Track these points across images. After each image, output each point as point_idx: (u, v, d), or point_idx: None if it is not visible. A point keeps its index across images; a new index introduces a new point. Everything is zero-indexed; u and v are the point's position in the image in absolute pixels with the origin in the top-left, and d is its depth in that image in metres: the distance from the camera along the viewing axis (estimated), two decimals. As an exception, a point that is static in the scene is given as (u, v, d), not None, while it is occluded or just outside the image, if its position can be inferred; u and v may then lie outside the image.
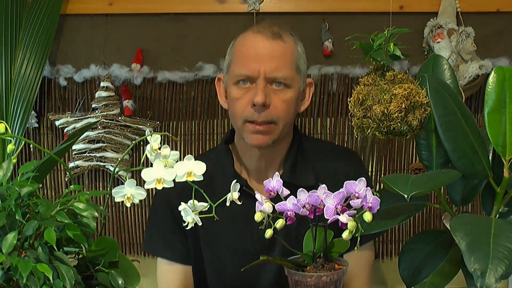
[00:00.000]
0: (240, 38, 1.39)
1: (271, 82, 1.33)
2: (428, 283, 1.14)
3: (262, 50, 1.33)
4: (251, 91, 1.33)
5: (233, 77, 1.36)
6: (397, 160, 1.84)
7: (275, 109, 1.33)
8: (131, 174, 1.30)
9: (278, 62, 1.33)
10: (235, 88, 1.36)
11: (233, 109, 1.38)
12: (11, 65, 1.69)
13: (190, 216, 0.96)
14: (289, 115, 1.37)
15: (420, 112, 1.03)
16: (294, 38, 1.39)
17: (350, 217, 0.91)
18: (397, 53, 1.04)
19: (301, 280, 0.96)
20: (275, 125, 1.34)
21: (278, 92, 1.34)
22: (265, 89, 1.32)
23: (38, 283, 0.80)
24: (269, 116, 1.33)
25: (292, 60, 1.35)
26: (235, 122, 1.39)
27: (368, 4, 1.76)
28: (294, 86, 1.36)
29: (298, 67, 1.37)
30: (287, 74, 1.34)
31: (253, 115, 1.33)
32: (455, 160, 1.05)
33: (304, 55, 1.41)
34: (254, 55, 1.33)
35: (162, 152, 0.96)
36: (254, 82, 1.33)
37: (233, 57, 1.38)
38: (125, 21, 1.78)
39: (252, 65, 1.32)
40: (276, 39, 1.34)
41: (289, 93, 1.35)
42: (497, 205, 1.07)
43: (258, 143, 1.35)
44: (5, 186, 0.87)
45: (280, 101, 1.34)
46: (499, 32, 1.79)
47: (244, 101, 1.34)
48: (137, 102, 1.78)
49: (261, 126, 1.33)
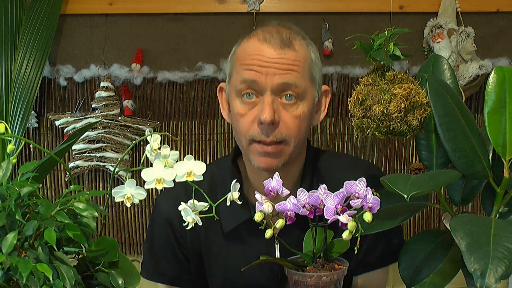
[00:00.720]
0: (243, 45, 1.18)
1: (280, 95, 1.14)
2: (428, 283, 1.14)
3: (269, 61, 1.13)
4: (257, 106, 1.14)
5: (236, 87, 1.16)
6: (397, 160, 1.84)
7: (286, 127, 1.14)
8: (131, 174, 1.30)
9: (288, 73, 1.13)
10: (238, 102, 1.16)
11: (237, 126, 1.18)
12: (11, 65, 1.69)
13: (190, 216, 0.96)
14: (302, 132, 1.17)
15: (420, 112, 1.03)
16: (307, 42, 1.20)
17: (350, 217, 0.91)
18: (397, 53, 1.04)
19: (301, 280, 0.96)
20: (286, 145, 1.15)
21: (288, 106, 1.14)
22: (273, 104, 1.12)
23: (38, 283, 0.80)
24: (278, 136, 1.13)
25: (305, 69, 1.15)
26: (240, 142, 1.19)
27: (368, 4, 1.76)
28: (307, 98, 1.16)
29: (312, 76, 1.18)
30: (299, 84, 1.14)
31: (260, 135, 1.13)
32: (455, 160, 1.04)
33: (319, 60, 1.21)
34: (260, 68, 1.13)
35: (162, 152, 0.95)
36: (260, 95, 1.14)
37: (235, 66, 1.18)
38: (125, 21, 1.78)
39: (258, 77, 1.13)
40: (285, 48, 1.14)
41: (302, 107, 1.15)
42: (497, 205, 1.07)
43: (267, 166, 1.15)
44: (5, 186, 0.87)
45: (291, 117, 1.14)
46: (499, 32, 1.79)
47: (250, 118, 1.14)
48: (137, 102, 1.78)
49: (269, 147, 1.14)
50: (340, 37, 1.76)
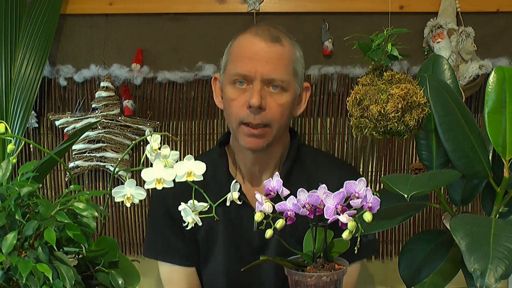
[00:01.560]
0: (238, 39, 1.38)
1: (267, 85, 1.33)
2: (428, 283, 1.14)
3: (260, 53, 1.32)
4: (247, 93, 1.32)
5: (230, 77, 1.35)
6: (397, 160, 1.84)
7: (271, 112, 1.32)
8: (131, 174, 1.30)
9: (276, 65, 1.32)
10: (231, 88, 1.35)
11: (229, 109, 1.37)
12: (11, 65, 1.69)
13: (190, 216, 0.96)
14: (284, 118, 1.36)
15: (417, 112, 1.03)
16: (293, 42, 1.39)
17: (350, 217, 0.91)
18: (395, 53, 1.04)
19: (301, 280, 0.96)
20: (270, 128, 1.34)
21: (274, 95, 1.33)
22: (261, 92, 1.31)
23: (38, 283, 0.80)
24: (264, 119, 1.32)
25: (289, 63, 1.35)
26: (230, 123, 1.38)
27: (368, 4, 1.76)
28: (290, 90, 1.36)
29: (296, 71, 1.37)
30: (284, 77, 1.33)
31: (248, 117, 1.32)
32: (455, 160, 1.05)
33: (302, 60, 1.41)
34: (252, 57, 1.32)
35: (162, 152, 0.96)
36: (251, 83, 1.32)
37: (231, 57, 1.37)
38: (125, 21, 1.78)
39: (249, 66, 1.31)
40: (274, 42, 1.33)
41: (285, 96, 1.34)
42: (497, 205, 1.07)
43: (252, 146, 1.34)
44: (5, 186, 0.87)
45: (276, 104, 1.33)
46: (499, 32, 1.79)
47: (240, 102, 1.33)
48: (137, 102, 1.78)
49: (256, 130, 1.33)
50: (340, 37, 1.76)
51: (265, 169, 1.43)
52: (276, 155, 1.42)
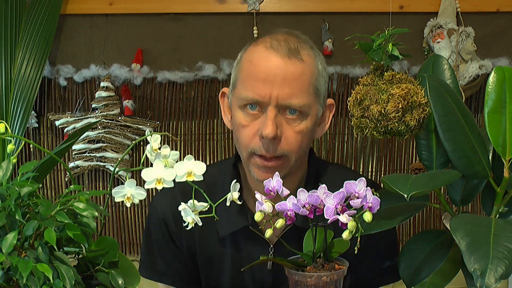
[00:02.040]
0: (250, 52, 1.15)
1: (283, 110, 1.12)
2: (428, 283, 1.14)
3: (275, 72, 1.10)
4: (259, 119, 1.12)
5: (239, 100, 1.14)
6: (397, 160, 1.84)
7: (287, 142, 1.12)
8: (131, 174, 1.30)
9: (294, 86, 1.10)
10: (241, 113, 1.14)
11: (239, 137, 1.16)
12: (11, 65, 1.69)
13: (190, 216, 0.96)
14: (303, 147, 1.16)
15: (418, 112, 1.03)
16: (315, 52, 1.17)
17: (350, 217, 0.91)
18: (395, 53, 1.04)
19: (301, 280, 0.96)
20: (286, 159, 1.14)
21: (291, 121, 1.12)
22: (276, 119, 1.10)
23: (38, 283, 0.80)
24: (279, 151, 1.12)
25: (310, 83, 1.13)
26: (241, 152, 1.18)
27: (368, 4, 1.76)
28: (311, 114, 1.14)
29: (317, 90, 1.15)
30: (303, 101, 1.11)
31: (261, 149, 1.12)
32: (455, 160, 1.04)
33: (325, 72, 1.19)
34: (265, 78, 1.10)
35: (162, 152, 0.95)
36: (264, 108, 1.11)
37: (240, 75, 1.15)
38: (125, 21, 1.78)
39: (263, 89, 1.10)
40: (292, 57, 1.11)
41: (305, 123, 1.13)
42: (497, 205, 1.07)
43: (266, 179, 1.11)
44: (5, 186, 0.87)
45: (293, 132, 1.12)
46: (499, 32, 1.79)
47: (251, 130, 1.13)
48: (137, 102, 1.78)
49: (270, 162, 1.13)
50: (340, 37, 1.76)
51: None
52: (293, 183, 1.22)
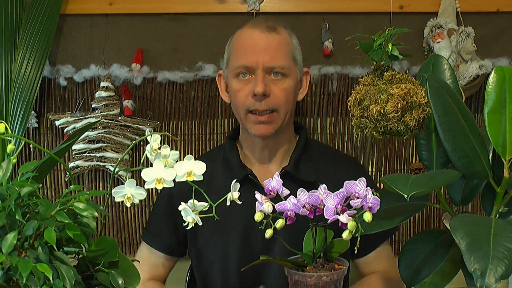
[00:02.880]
0: (237, 34, 1.46)
1: (269, 73, 1.40)
2: (428, 283, 1.14)
3: (259, 43, 1.40)
4: (251, 83, 1.40)
5: (233, 70, 1.43)
6: (397, 160, 1.84)
7: (276, 98, 1.39)
8: (131, 174, 1.30)
9: (275, 53, 1.39)
10: (235, 80, 1.43)
11: (235, 100, 1.44)
12: (11, 65, 1.69)
13: (190, 216, 0.96)
14: (289, 103, 1.42)
15: (418, 112, 1.03)
16: (288, 31, 1.46)
17: (350, 217, 0.91)
18: (395, 53, 1.04)
19: (301, 280, 0.96)
20: (277, 113, 1.40)
21: (277, 81, 1.40)
22: (264, 80, 1.38)
23: (38, 283, 0.80)
24: (270, 105, 1.39)
25: (288, 50, 1.42)
26: (238, 113, 1.45)
27: (368, 4, 1.76)
28: (292, 76, 1.43)
29: (295, 58, 1.44)
30: (284, 64, 1.40)
31: (255, 105, 1.38)
32: (455, 160, 1.04)
33: (299, 47, 1.48)
34: (252, 48, 1.39)
35: (162, 152, 0.96)
36: (253, 73, 1.40)
37: (232, 51, 1.45)
38: (125, 21, 1.78)
39: (251, 57, 1.39)
40: (271, 31, 1.40)
41: (287, 82, 1.41)
42: (497, 205, 1.07)
43: (262, 132, 1.41)
44: (5, 186, 0.87)
45: (280, 90, 1.40)
46: (499, 32, 1.79)
47: (245, 92, 1.40)
48: (137, 102, 1.78)
49: (263, 117, 1.39)
50: (340, 37, 1.76)
51: (274, 156, 1.49)
52: (284, 142, 1.49)
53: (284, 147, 1.49)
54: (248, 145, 1.50)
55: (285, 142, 1.49)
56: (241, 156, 1.49)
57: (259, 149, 1.48)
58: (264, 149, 1.47)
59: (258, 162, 1.49)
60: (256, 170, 1.47)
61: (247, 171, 1.44)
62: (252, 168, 1.47)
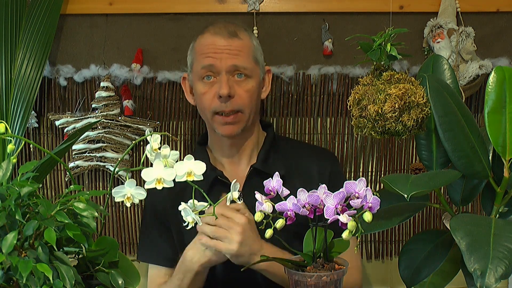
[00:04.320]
0: (199, 40, 1.49)
1: (233, 74, 1.44)
2: (428, 283, 1.14)
3: (221, 49, 1.43)
4: (216, 85, 1.43)
5: (198, 73, 1.46)
6: (397, 160, 1.84)
7: (240, 99, 1.43)
8: (131, 174, 1.30)
9: (237, 56, 1.43)
10: (200, 83, 1.46)
11: (201, 103, 1.47)
12: (11, 65, 1.69)
13: (190, 216, 0.96)
14: (253, 103, 1.47)
15: (416, 113, 1.03)
16: (249, 34, 1.51)
17: (350, 217, 0.91)
18: (394, 53, 1.04)
19: (301, 280, 0.96)
20: (242, 113, 1.44)
21: (240, 82, 1.44)
22: (228, 82, 1.42)
23: (38, 283, 0.80)
24: (235, 106, 1.43)
25: (249, 53, 1.46)
26: (205, 115, 1.48)
27: (368, 4, 1.76)
28: (255, 76, 1.47)
29: (256, 59, 1.49)
30: (246, 65, 1.44)
31: (221, 106, 1.42)
32: (455, 160, 1.05)
33: (260, 47, 1.52)
34: (214, 54, 1.43)
35: (162, 152, 0.96)
36: (218, 75, 1.43)
37: (195, 56, 1.49)
38: (125, 21, 1.78)
39: (214, 59, 1.43)
40: (233, 37, 1.44)
41: (251, 82, 1.46)
42: (497, 205, 1.08)
43: (228, 132, 1.45)
44: (5, 186, 0.87)
45: (244, 91, 1.44)
46: (499, 32, 1.79)
47: (210, 94, 1.44)
48: (137, 102, 1.78)
49: (229, 118, 1.43)
50: (340, 37, 1.75)
51: (243, 154, 1.52)
52: (251, 140, 1.52)
53: (252, 144, 1.53)
54: (217, 146, 1.54)
55: (253, 139, 1.53)
56: (211, 160, 1.52)
57: (227, 147, 1.51)
58: (232, 147, 1.51)
59: (228, 161, 1.52)
60: (227, 171, 1.50)
61: (217, 172, 1.46)
62: (223, 170, 1.50)
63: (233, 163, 1.53)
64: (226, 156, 1.53)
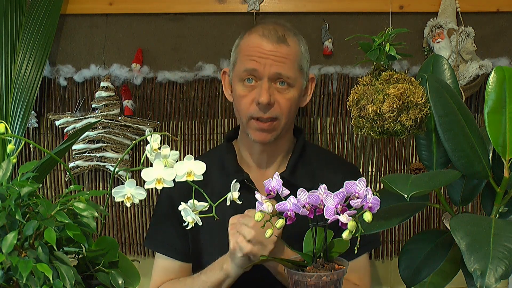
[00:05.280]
0: (246, 39, 1.44)
1: (275, 81, 1.39)
2: (428, 283, 1.14)
3: (267, 54, 1.38)
4: (256, 89, 1.39)
5: (239, 74, 1.41)
6: (397, 160, 1.84)
7: (279, 107, 1.39)
8: (131, 174, 1.30)
9: (283, 64, 1.38)
10: (240, 85, 1.42)
11: (238, 105, 1.43)
12: (11, 65, 1.69)
13: (190, 216, 0.96)
14: (291, 112, 1.43)
15: (414, 113, 1.03)
16: (298, 38, 1.45)
17: (350, 217, 0.91)
18: (393, 53, 1.04)
19: (301, 280, 0.96)
20: (278, 121, 1.40)
21: (281, 90, 1.40)
22: (269, 89, 1.37)
23: (38, 283, 0.80)
24: (273, 113, 1.39)
25: (295, 60, 1.41)
26: (240, 118, 1.45)
27: (368, 4, 1.76)
28: (297, 85, 1.42)
29: (301, 67, 1.44)
30: (290, 74, 1.39)
31: (258, 113, 1.38)
32: (455, 160, 1.05)
33: (307, 54, 1.47)
34: (259, 58, 1.38)
35: (162, 152, 0.96)
36: (259, 80, 1.39)
37: (239, 55, 1.43)
38: (125, 21, 1.78)
39: (258, 64, 1.38)
40: (280, 43, 1.39)
41: (292, 92, 1.41)
42: (497, 205, 1.08)
43: (262, 139, 1.41)
44: (5, 186, 0.87)
45: (284, 100, 1.40)
46: (499, 32, 1.79)
47: (249, 99, 1.40)
48: (137, 102, 1.78)
49: (265, 124, 1.39)
50: (340, 37, 1.75)
51: (272, 161, 1.49)
52: (282, 148, 1.49)
53: (283, 153, 1.50)
54: (246, 147, 1.50)
55: (284, 146, 1.50)
56: (238, 159, 1.49)
57: (257, 153, 1.48)
58: (263, 153, 1.47)
59: (256, 166, 1.49)
60: (253, 175, 1.46)
61: (243, 176, 1.43)
62: (249, 172, 1.46)
63: (261, 167, 1.50)
64: (255, 160, 1.50)
